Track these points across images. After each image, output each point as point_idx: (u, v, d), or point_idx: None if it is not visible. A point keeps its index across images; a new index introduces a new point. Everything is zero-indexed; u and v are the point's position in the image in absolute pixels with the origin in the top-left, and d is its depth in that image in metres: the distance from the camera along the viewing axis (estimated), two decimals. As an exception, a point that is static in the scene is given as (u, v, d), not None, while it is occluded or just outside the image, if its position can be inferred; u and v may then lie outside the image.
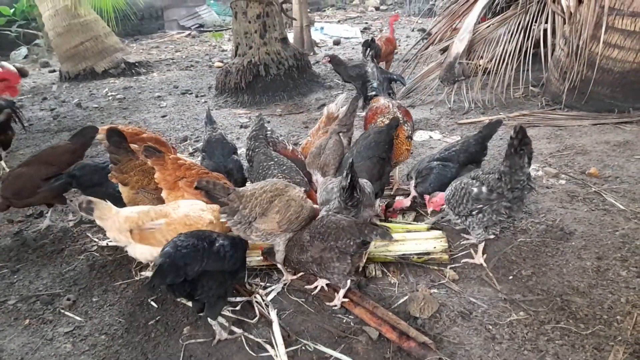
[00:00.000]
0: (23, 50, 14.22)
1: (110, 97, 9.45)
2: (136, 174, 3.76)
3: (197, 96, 9.16)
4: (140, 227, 3.09)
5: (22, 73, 11.77)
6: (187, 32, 17.10)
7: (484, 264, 3.48)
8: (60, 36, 10.76)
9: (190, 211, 3.22)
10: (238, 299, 3.29)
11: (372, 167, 3.89)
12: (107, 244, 4.16)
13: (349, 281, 3.10)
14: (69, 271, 3.84)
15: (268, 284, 3.46)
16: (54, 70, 12.02)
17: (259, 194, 3.08)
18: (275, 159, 4.01)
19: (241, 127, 7.11)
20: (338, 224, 2.93)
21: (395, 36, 13.20)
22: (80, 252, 4.10)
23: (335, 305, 3.16)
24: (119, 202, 4.06)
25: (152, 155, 3.53)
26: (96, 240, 4.24)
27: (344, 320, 3.07)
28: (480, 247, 3.53)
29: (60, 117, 8.31)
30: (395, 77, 7.21)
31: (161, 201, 3.66)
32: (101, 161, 4.17)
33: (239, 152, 4.89)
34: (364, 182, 3.44)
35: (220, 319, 3.11)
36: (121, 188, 3.84)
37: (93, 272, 3.78)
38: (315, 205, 3.44)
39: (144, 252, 3.13)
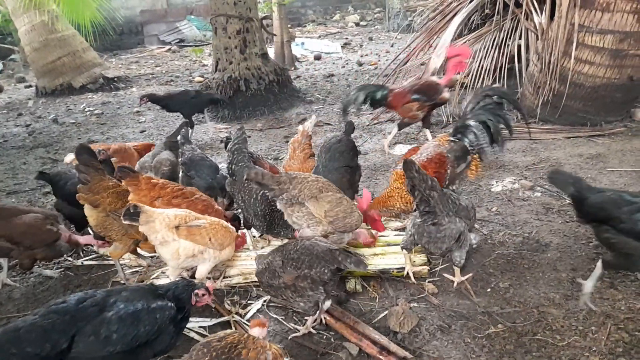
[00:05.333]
0: (-2, 65, 14.01)
1: (87, 113, 9.33)
2: (109, 196, 3.52)
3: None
4: (188, 223, 3.24)
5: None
6: (167, 47, 17.00)
7: (462, 279, 3.46)
8: (37, 51, 10.62)
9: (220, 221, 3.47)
10: (215, 320, 3.25)
11: (342, 177, 3.98)
12: (82, 263, 4.07)
13: (317, 312, 3.03)
14: (43, 291, 3.75)
15: (249, 302, 3.43)
16: (30, 86, 11.82)
17: (311, 180, 3.26)
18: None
19: (222, 141, 7.07)
20: (312, 250, 2.85)
21: (374, 51, 13.44)
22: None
23: (305, 332, 3.06)
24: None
25: (126, 175, 3.46)
26: (70, 259, 4.14)
27: (324, 337, 3.05)
28: None
29: (36, 133, 8.17)
30: (217, 97, 7.72)
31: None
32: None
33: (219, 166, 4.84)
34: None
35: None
36: (88, 210, 3.55)
37: (67, 293, 3.68)
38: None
39: (187, 248, 3.22)
